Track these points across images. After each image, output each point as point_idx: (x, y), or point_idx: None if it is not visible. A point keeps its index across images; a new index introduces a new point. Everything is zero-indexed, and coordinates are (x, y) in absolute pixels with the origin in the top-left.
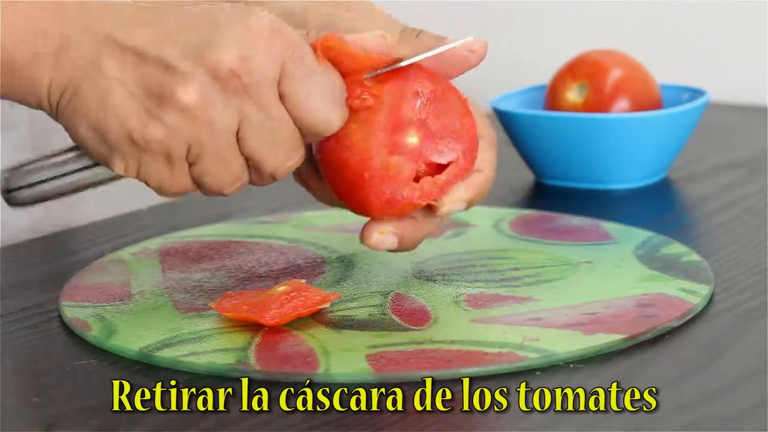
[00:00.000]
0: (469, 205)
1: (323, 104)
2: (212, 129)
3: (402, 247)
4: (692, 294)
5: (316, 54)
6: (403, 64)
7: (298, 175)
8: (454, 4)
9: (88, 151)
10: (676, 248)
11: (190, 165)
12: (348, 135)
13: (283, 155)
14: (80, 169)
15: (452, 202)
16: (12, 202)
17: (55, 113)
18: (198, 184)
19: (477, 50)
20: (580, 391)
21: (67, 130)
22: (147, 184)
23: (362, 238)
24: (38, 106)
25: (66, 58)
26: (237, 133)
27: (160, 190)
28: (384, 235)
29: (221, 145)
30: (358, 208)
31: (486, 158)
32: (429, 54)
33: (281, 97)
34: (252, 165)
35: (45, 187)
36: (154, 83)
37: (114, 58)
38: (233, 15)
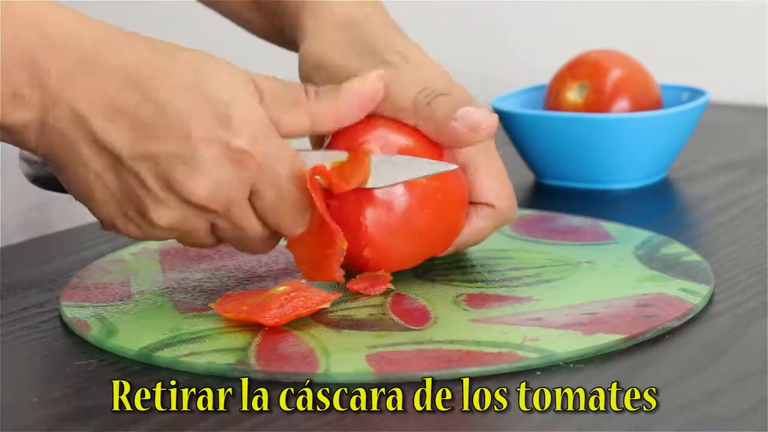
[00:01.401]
0: (477, 240)
1: (290, 218)
2: (187, 234)
3: None
4: (692, 294)
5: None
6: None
7: None
8: (454, 4)
9: None
10: (676, 248)
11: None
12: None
13: (254, 248)
14: None
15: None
16: (37, 184)
17: None
18: None
19: (482, 132)
20: (580, 391)
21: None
22: None
23: None
24: None
25: (49, 132)
26: (212, 232)
27: None
28: None
29: (197, 239)
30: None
31: (474, 226)
32: (415, 176)
33: (252, 206)
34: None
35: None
36: (132, 194)
37: (93, 152)
38: (211, 129)
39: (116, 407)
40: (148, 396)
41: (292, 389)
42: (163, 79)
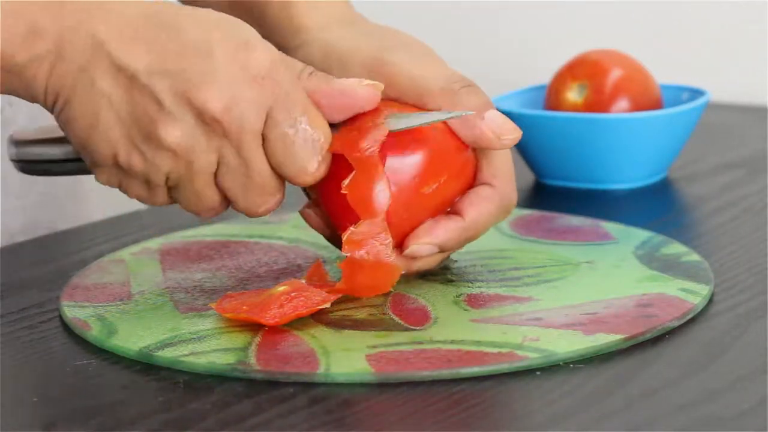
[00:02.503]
0: (442, 250)
1: (301, 156)
2: (191, 167)
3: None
4: (692, 294)
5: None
6: (417, 123)
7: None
8: (454, 4)
9: (79, 154)
10: (676, 248)
11: (169, 188)
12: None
13: (257, 198)
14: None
15: (418, 244)
16: (22, 171)
17: (51, 114)
18: (176, 202)
19: (506, 141)
20: (580, 391)
21: (62, 130)
22: (127, 196)
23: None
24: (35, 103)
25: (60, 64)
26: (216, 171)
27: (140, 202)
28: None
29: (198, 181)
30: None
31: (476, 209)
32: (450, 116)
33: (264, 140)
34: (227, 200)
35: (51, 165)
36: (142, 114)
37: (106, 74)
38: (231, 50)
39: (116, 407)
40: (148, 396)
41: (292, 389)
42: (183, 10)
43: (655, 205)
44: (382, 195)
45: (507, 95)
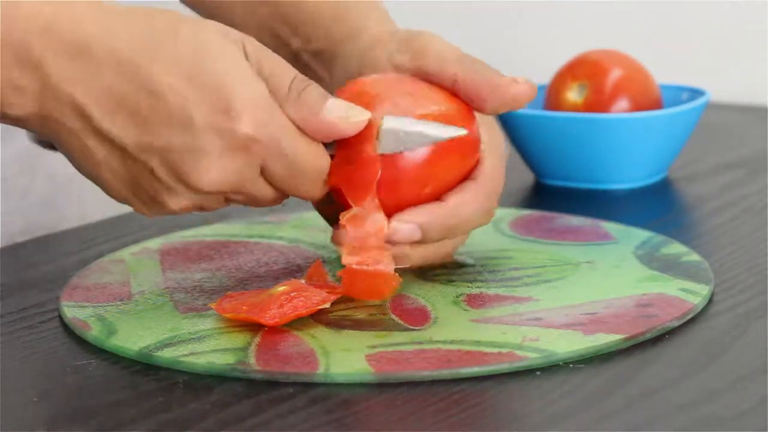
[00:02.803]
0: (424, 234)
1: (303, 188)
2: (205, 208)
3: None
4: (692, 294)
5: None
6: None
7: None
8: (454, 4)
9: None
10: (676, 248)
11: None
12: None
13: (270, 205)
14: None
15: (399, 221)
16: (44, 146)
17: None
18: None
19: (522, 85)
20: (580, 391)
21: None
22: None
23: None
24: None
25: (50, 123)
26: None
27: None
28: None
29: (212, 209)
30: None
31: (459, 195)
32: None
33: (264, 174)
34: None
35: None
36: (144, 183)
37: (97, 142)
38: (211, 120)
39: (116, 407)
40: (148, 396)
41: (291, 389)
42: (158, 65)
43: (655, 205)
44: (377, 223)
45: None
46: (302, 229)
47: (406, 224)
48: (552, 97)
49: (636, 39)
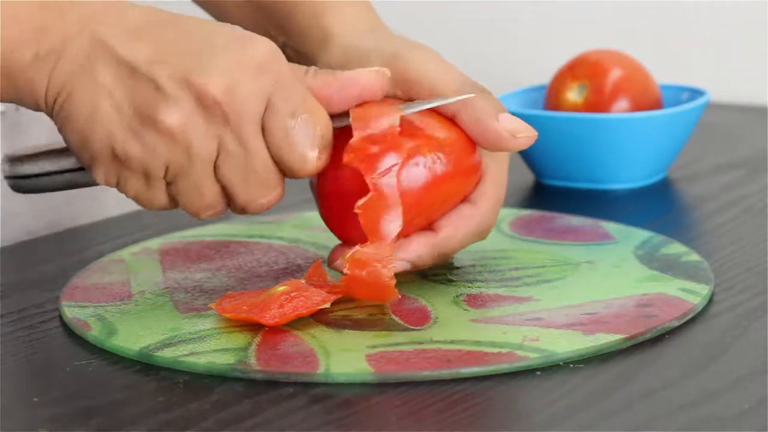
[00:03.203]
0: (414, 266)
1: (302, 144)
2: (190, 153)
3: None
4: (692, 294)
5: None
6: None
7: None
8: (454, 4)
9: (75, 155)
10: (676, 248)
11: (168, 184)
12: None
13: (257, 191)
14: (75, 169)
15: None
16: (14, 189)
17: (51, 115)
18: (174, 203)
19: (521, 139)
20: (580, 391)
21: (59, 132)
22: (126, 195)
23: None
24: (36, 108)
25: (64, 59)
26: (215, 161)
27: (138, 203)
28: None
29: (197, 170)
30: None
31: (450, 224)
32: (458, 98)
33: (263, 130)
34: (226, 194)
35: (43, 180)
36: (142, 101)
37: (108, 68)
38: (232, 40)
39: (116, 407)
40: (148, 396)
41: (291, 389)
42: (186, 17)
43: (655, 205)
44: (394, 223)
45: (507, 95)
46: (302, 229)
47: (398, 262)
48: (552, 97)
49: (636, 39)
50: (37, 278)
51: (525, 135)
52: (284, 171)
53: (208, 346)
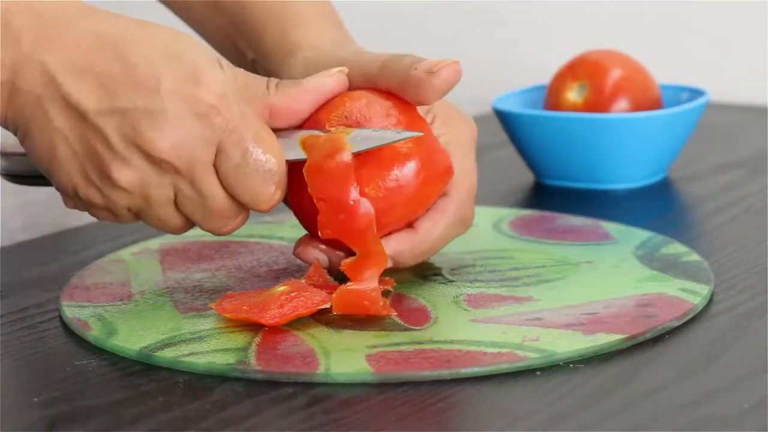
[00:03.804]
0: (395, 262)
1: (254, 184)
2: (148, 200)
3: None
4: (692, 294)
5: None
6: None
7: None
8: (454, 4)
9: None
10: (676, 248)
11: (135, 214)
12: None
13: (219, 222)
14: None
15: None
16: (11, 181)
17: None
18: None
19: (443, 71)
20: (580, 391)
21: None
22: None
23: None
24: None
25: (17, 95)
26: (174, 199)
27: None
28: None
29: (158, 211)
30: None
31: (430, 219)
32: (405, 136)
33: (216, 170)
34: (191, 222)
35: (39, 179)
36: (94, 153)
37: (59, 111)
38: (179, 81)
39: (116, 407)
40: (148, 396)
41: (291, 389)
42: (136, 40)
43: (655, 205)
44: (376, 273)
45: (507, 95)
46: (302, 229)
47: None
48: (552, 97)
49: (636, 39)
50: (37, 278)
51: (444, 66)
52: (243, 206)
53: (208, 346)
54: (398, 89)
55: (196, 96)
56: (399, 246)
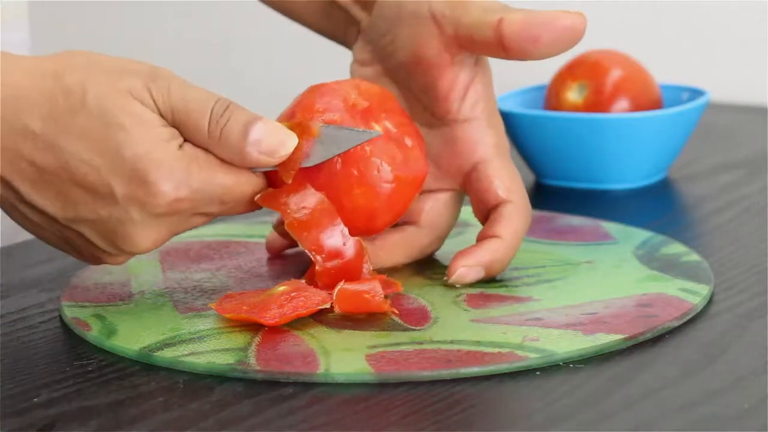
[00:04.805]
0: (488, 272)
1: (237, 211)
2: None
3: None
4: (692, 294)
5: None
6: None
7: None
8: None
9: None
10: (676, 248)
11: None
12: None
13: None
14: None
15: (466, 267)
16: None
17: None
18: None
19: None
20: (580, 391)
21: None
22: None
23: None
24: None
25: None
26: None
27: None
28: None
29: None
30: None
31: (508, 226)
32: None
33: (197, 214)
34: None
35: None
36: (81, 246)
37: (30, 210)
38: (130, 192)
39: (116, 407)
40: (148, 396)
41: (291, 389)
42: (70, 140)
43: (655, 205)
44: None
45: (507, 95)
46: None
47: (473, 268)
48: (552, 97)
49: (636, 39)
50: (37, 278)
51: (576, 14)
52: None
53: (208, 346)
54: (516, 23)
55: (151, 202)
56: (491, 255)
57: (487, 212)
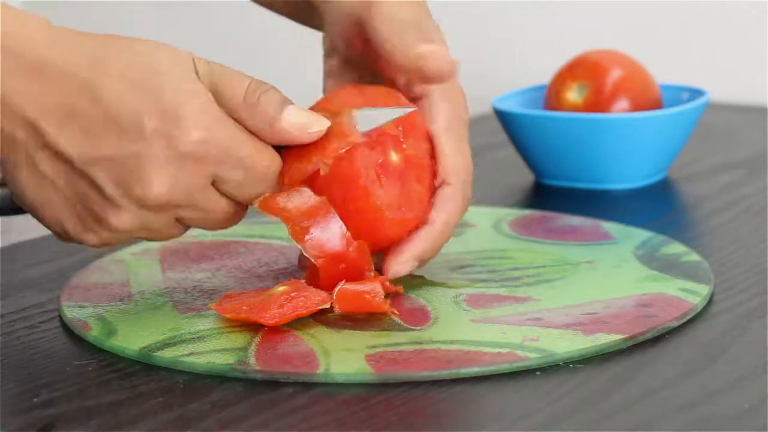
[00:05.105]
0: (420, 262)
1: (256, 191)
2: (149, 231)
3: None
4: (692, 294)
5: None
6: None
7: None
8: (454, 4)
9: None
10: (676, 248)
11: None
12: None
13: (224, 225)
14: None
15: (398, 263)
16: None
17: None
18: None
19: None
20: (580, 391)
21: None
22: None
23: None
24: None
25: (2, 137)
26: (177, 219)
27: None
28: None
29: (161, 235)
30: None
31: (443, 211)
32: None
33: (216, 184)
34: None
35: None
36: (88, 199)
37: (45, 156)
38: (162, 128)
39: (116, 407)
40: (148, 396)
41: (291, 389)
42: (109, 76)
43: (655, 205)
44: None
45: (507, 95)
46: None
47: (407, 263)
48: (552, 97)
49: (636, 39)
50: (37, 278)
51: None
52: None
53: (208, 346)
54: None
55: (179, 139)
56: (422, 244)
57: None
